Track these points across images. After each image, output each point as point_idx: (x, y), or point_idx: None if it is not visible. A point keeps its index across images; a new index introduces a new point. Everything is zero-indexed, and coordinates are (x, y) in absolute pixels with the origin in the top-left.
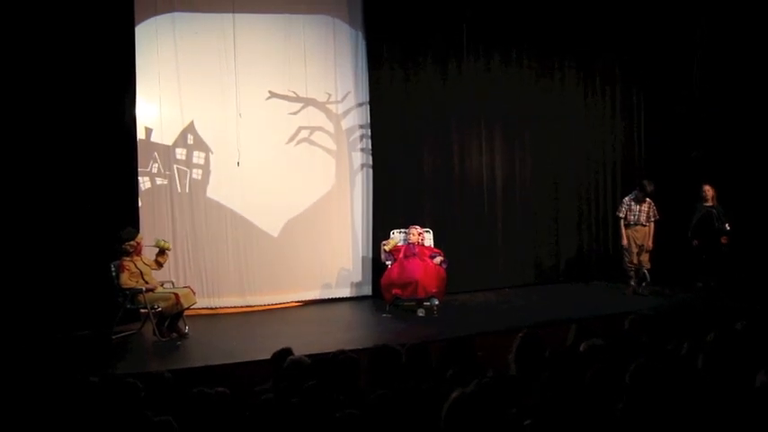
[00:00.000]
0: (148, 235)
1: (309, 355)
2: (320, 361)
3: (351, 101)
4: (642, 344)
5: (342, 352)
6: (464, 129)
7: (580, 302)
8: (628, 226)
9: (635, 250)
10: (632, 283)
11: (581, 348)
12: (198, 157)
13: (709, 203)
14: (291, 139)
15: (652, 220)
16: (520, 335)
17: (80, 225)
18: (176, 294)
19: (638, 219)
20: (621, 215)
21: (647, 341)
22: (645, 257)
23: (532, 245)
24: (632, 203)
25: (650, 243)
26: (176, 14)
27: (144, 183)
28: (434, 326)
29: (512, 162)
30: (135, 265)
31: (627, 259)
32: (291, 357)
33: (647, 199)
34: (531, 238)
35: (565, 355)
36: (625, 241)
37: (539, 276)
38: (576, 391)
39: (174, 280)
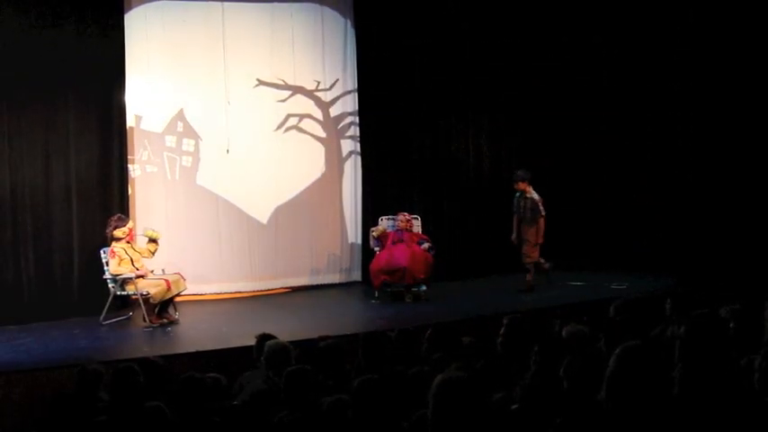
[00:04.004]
0: (139, 222)
1: (297, 341)
2: (306, 347)
3: (339, 88)
4: (627, 329)
5: (325, 337)
6: (452, 116)
7: (566, 289)
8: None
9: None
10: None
11: (565, 334)
12: (188, 145)
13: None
14: (280, 126)
15: (531, 216)
16: (506, 320)
17: (73, 212)
18: (166, 281)
19: (524, 215)
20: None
21: (630, 326)
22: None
23: None
24: (517, 200)
25: (536, 238)
26: (165, 3)
27: (134, 170)
28: (422, 312)
29: (498, 149)
30: (125, 251)
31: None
32: (272, 342)
33: (528, 193)
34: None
35: (551, 341)
36: (513, 237)
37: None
38: (561, 377)
39: (164, 266)
